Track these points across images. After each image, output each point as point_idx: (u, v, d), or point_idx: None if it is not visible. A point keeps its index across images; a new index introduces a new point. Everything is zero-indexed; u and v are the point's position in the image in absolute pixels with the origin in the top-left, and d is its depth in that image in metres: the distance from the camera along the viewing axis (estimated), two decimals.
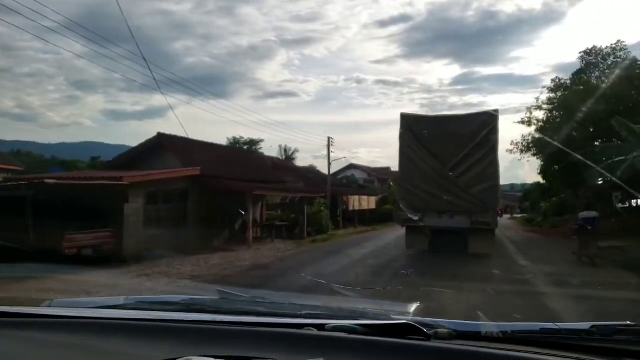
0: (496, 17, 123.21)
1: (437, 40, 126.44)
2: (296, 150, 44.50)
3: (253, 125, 67.17)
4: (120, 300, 1.80)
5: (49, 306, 1.68)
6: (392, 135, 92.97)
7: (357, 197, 29.50)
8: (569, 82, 24.93)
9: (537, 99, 24.34)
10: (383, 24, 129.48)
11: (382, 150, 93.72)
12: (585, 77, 25.93)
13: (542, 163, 28.97)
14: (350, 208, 27.79)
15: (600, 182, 21.71)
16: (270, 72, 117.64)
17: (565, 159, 21.39)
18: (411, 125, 14.37)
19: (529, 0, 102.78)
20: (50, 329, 1.36)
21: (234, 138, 42.36)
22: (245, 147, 42.68)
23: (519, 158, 26.96)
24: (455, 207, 13.38)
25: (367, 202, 31.79)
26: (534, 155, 27.92)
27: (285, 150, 45.81)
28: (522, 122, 24.80)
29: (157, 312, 1.52)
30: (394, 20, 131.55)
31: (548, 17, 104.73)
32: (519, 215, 51.62)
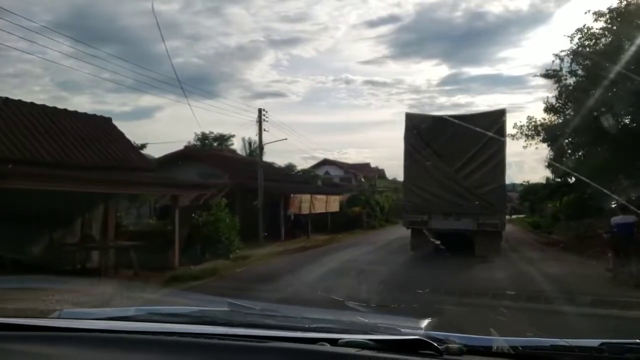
0: (484, 18, 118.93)
1: (425, 41, 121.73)
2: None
3: (248, 125, 60.24)
4: (131, 310, 1.78)
5: (59, 317, 1.67)
6: (382, 136, 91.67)
7: (308, 197, 21.57)
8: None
9: (571, 37, 16.30)
10: (372, 24, 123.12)
11: (371, 150, 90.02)
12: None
13: (552, 153, 22.28)
14: (295, 211, 19.87)
15: None
16: (259, 73, 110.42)
17: (601, 138, 15.43)
18: (416, 125, 13.98)
19: (516, 1, 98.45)
20: (60, 342, 1.34)
21: (203, 133, 38.75)
22: (215, 144, 39.07)
23: (525, 145, 21.32)
24: (462, 208, 13.14)
25: (326, 203, 24.01)
26: (544, 141, 21.64)
27: (250, 144, 40.25)
28: (548, 76, 17.28)
29: (168, 325, 1.52)
30: (382, 21, 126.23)
31: (535, 18, 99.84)
32: (514, 217, 45.35)
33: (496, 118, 13.63)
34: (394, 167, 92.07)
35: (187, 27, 68.30)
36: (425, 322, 1.53)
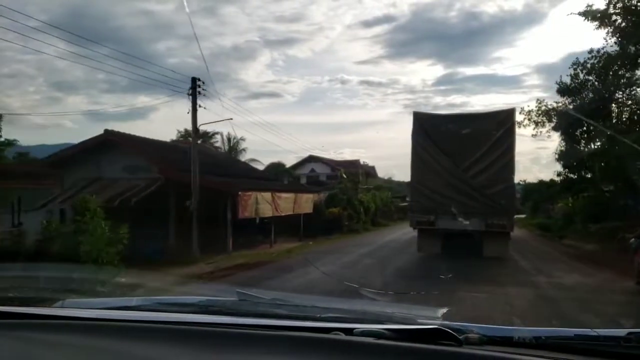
0: (479, 18, 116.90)
1: (420, 40, 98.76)
2: (242, 139, 36.45)
3: (244, 125, 62.60)
4: (135, 301, 1.74)
5: (62, 306, 1.63)
6: (378, 136, 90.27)
7: (268, 195, 17.29)
8: None
9: None
10: (367, 24, 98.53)
11: (367, 150, 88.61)
12: None
13: (565, 143, 20.02)
14: (248, 213, 15.58)
15: None
16: (254, 73, 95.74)
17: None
18: (424, 124, 13.86)
19: (511, 1, 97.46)
20: (63, 330, 1.30)
21: (185, 130, 36.45)
22: (200, 141, 37.74)
23: (534, 133, 19.80)
24: (470, 208, 12.81)
25: (294, 204, 19.79)
26: (556, 128, 19.76)
27: (229, 140, 38.92)
28: (588, 15, 13.98)
29: (173, 314, 1.45)
30: (378, 21, 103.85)
31: (530, 18, 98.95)
32: (515, 217, 40.89)
33: (506, 117, 13.41)
34: (389, 167, 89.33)
35: (183, 27, 65.49)
36: (442, 311, 1.48)
